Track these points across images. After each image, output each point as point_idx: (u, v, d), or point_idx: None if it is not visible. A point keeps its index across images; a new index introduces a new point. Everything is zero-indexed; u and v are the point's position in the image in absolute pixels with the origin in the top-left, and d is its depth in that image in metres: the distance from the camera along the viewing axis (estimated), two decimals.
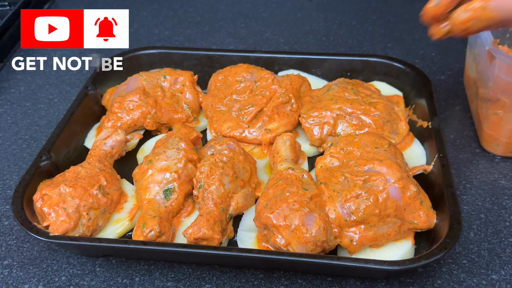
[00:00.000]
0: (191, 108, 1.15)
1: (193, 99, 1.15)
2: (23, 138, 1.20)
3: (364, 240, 0.86)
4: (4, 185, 1.08)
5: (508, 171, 1.06)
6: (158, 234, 0.87)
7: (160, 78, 1.17)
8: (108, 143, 1.02)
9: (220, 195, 0.91)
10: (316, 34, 1.54)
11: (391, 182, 0.87)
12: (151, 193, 0.93)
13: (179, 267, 0.91)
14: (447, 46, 1.44)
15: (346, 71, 1.24)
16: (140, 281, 0.89)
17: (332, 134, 1.05)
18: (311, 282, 0.88)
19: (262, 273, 0.90)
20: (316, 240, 0.82)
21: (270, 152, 1.04)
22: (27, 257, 0.93)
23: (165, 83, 1.16)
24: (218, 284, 0.88)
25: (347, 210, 0.86)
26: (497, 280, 0.87)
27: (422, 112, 1.10)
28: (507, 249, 0.92)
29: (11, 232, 0.98)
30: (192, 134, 1.02)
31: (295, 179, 0.90)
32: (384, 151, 0.93)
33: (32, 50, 1.50)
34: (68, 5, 1.73)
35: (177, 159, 0.95)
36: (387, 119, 1.05)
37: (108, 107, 1.16)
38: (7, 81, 1.38)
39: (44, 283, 0.89)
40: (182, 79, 1.17)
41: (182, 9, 1.69)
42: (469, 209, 0.99)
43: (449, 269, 0.89)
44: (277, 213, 0.83)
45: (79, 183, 0.91)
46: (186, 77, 1.17)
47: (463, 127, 1.17)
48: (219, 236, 0.87)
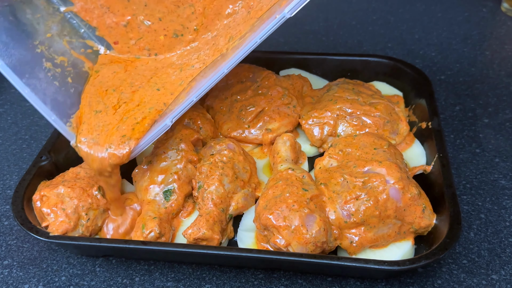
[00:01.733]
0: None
1: None
2: (23, 138, 1.20)
3: (364, 241, 0.86)
4: (4, 185, 1.08)
5: (508, 171, 1.06)
6: (158, 235, 0.87)
7: None
8: None
9: (219, 195, 0.91)
10: (316, 34, 1.54)
11: (391, 183, 0.86)
12: (151, 194, 0.93)
13: (179, 267, 0.91)
14: (447, 46, 1.44)
15: (346, 71, 1.24)
16: (140, 281, 0.89)
17: (332, 135, 1.05)
18: (311, 282, 0.88)
19: (262, 273, 0.90)
20: (316, 241, 0.82)
21: (270, 152, 1.04)
22: (27, 257, 0.93)
23: None
24: (218, 284, 0.88)
25: (347, 211, 0.86)
26: (497, 280, 0.87)
27: (422, 112, 1.10)
28: (507, 249, 0.92)
29: (11, 232, 0.98)
30: (192, 135, 1.02)
31: (295, 179, 0.90)
32: (383, 152, 0.93)
33: None
34: None
35: (177, 160, 0.95)
36: (388, 120, 1.05)
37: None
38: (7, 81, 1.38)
39: (44, 283, 0.89)
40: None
41: None
42: (469, 209, 0.99)
43: (449, 269, 0.89)
44: (277, 214, 0.83)
45: (78, 183, 0.91)
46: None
47: (463, 127, 1.17)
48: (218, 236, 0.88)
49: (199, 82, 0.89)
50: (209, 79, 0.86)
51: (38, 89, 0.86)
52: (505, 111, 1.21)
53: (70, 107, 0.91)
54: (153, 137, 0.87)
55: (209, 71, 0.90)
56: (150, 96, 0.92)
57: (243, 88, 1.14)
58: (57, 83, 0.91)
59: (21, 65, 0.87)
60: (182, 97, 0.89)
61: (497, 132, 1.15)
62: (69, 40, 0.98)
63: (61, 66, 0.94)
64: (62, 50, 0.96)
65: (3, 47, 0.85)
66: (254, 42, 0.83)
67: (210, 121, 1.10)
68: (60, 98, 0.90)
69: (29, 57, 0.90)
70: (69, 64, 0.96)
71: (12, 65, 0.85)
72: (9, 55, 0.86)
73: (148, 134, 0.87)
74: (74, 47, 0.99)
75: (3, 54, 0.85)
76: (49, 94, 0.88)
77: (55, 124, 0.87)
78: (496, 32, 1.50)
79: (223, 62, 0.87)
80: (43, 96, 0.86)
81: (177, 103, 0.89)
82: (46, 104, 0.86)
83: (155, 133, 0.87)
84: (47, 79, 0.90)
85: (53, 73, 0.92)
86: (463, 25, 1.54)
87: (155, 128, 0.87)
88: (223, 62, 0.87)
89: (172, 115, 0.87)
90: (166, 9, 0.99)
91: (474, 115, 1.21)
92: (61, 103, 0.90)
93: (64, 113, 0.90)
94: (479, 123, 1.18)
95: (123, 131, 0.87)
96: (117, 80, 0.95)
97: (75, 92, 0.94)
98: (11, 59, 0.86)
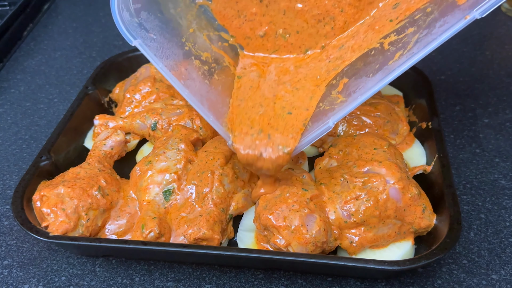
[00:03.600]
0: None
1: None
2: (23, 138, 1.20)
3: (364, 241, 0.86)
4: (4, 185, 1.08)
5: (508, 171, 1.06)
6: (157, 235, 0.87)
7: None
8: (108, 143, 1.02)
9: (220, 195, 0.91)
10: None
11: (391, 183, 0.86)
12: (151, 194, 0.93)
13: (179, 267, 0.91)
14: (447, 46, 1.44)
15: None
16: (140, 281, 0.89)
17: (332, 135, 1.05)
18: (311, 282, 0.88)
19: (262, 273, 0.89)
20: (316, 241, 0.82)
21: None
22: (27, 257, 0.93)
23: None
24: (218, 284, 0.88)
25: (347, 211, 0.86)
26: (497, 280, 0.87)
27: (422, 112, 1.10)
28: (507, 249, 0.92)
29: (11, 232, 0.98)
30: (192, 135, 1.02)
31: (295, 179, 0.90)
32: (383, 152, 0.93)
33: (32, 50, 1.51)
34: (68, 5, 1.74)
35: (176, 160, 0.95)
36: (388, 120, 1.05)
37: (120, 99, 1.18)
38: (7, 81, 1.39)
39: (44, 283, 0.89)
40: None
41: None
42: (469, 209, 0.99)
43: (449, 269, 0.89)
44: (277, 214, 0.83)
45: (78, 183, 0.91)
46: None
47: (463, 127, 1.17)
48: (219, 236, 0.87)
49: (357, 81, 0.83)
50: (383, 78, 0.79)
51: (194, 90, 0.82)
52: (505, 111, 1.21)
53: (221, 106, 0.87)
54: (313, 139, 0.83)
55: (366, 69, 0.84)
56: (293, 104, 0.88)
57: None
58: (207, 82, 0.87)
59: (177, 65, 0.83)
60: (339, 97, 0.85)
61: (497, 132, 1.15)
62: (208, 34, 0.94)
63: (207, 63, 0.90)
64: (205, 46, 0.92)
65: (159, 47, 0.81)
66: (445, 37, 0.75)
67: None
68: (212, 98, 0.86)
69: (181, 57, 0.86)
70: (212, 60, 0.92)
71: (170, 67, 0.80)
72: (165, 56, 0.82)
73: (306, 137, 0.83)
74: (212, 41, 0.94)
75: (161, 55, 0.81)
76: (204, 94, 0.84)
77: (213, 125, 0.83)
78: (496, 32, 1.50)
79: (395, 61, 0.81)
80: (200, 97, 0.82)
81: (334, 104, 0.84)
82: (203, 105, 0.81)
83: (315, 135, 0.83)
84: (199, 78, 0.86)
85: (203, 71, 0.88)
86: None
87: (315, 129, 0.83)
88: (393, 60, 0.81)
89: (335, 118, 0.82)
90: (306, 23, 0.94)
91: (474, 115, 1.21)
92: (213, 102, 0.86)
93: (218, 113, 0.85)
94: (479, 123, 1.18)
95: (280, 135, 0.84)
96: (257, 98, 0.91)
97: (222, 90, 0.90)
98: (168, 60, 0.81)
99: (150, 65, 1.19)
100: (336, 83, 0.88)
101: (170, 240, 0.89)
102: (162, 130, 1.07)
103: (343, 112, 0.81)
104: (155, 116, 1.08)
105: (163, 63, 0.80)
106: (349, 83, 0.86)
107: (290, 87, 0.92)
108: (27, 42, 1.54)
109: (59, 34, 1.58)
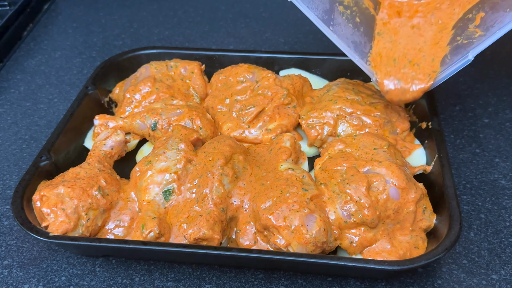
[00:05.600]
0: (199, 96, 1.18)
1: (201, 86, 1.19)
2: (23, 138, 1.20)
3: (364, 241, 0.86)
4: (4, 185, 1.08)
5: (508, 171, 1.06)
6: (157, 236, 0.87)
7: (170, 66, 1.20)
8: (108, 143, 1.02)
9: (220, 195, 0.91)
10: (316, 34, 1.54)
11: (391, 183, 0.86)
12: (151, 194, 0.93)
13: (179, 267, 0.91)
14: None
15: (346, 71, 1.24)
16: (140, 281, 0.89)
17: (332, 135, 1.05)
18: (311, 282, 0.88)
19: (262, 273, 0.90)
20: (316, 241, 0.82)
21: None
22: (27, 257, 0.93)
23: (172, 72, 1.19)
24: (218, 284, 0.88)
25: (347, 211, 0.86)
26: (497, 280, 0.87)
27: (422, 112, 1.10)
28: (507, 249, 0.92)
29: (11, 232, 0.98)
30: (192, 135, 1.02)
31: (295, 179, 0.90)
32: (383, 152, 0.93)
33: (32, 50, 1.51)
34: (68, 5, 1.74)
35: (176, 160, 0.95)
36: (388, 120, 1.05)
37: (120, 99, 1.18)
38: (7, 81, 1.39)
39: (44, 283, 0.89)
40: (191, 67, 1.20)
41: (182, 9, 1.69)
42: (469, 209, 0.99)
43: (449, 269, 0.89)
44: (277, 214, 0.83)
45: (78, 183, 0.91)
46: (195, 65, 1.21)
47: (463, 127, 1.17)
48: (219, 236, 0.87)
49: (494, 15, 0.90)
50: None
51: (341, 35, 0.91)
52: (505, 111, 1.21)
53: (364, 46, 0.96)
54: (453, 71, 0.91)
55: (503, 3, 0.90)
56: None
57: (243, 88, 1.14)
58: (351, 25, 0.96)
59: (326, 14, 0.92)
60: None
61: (497, 132, 1.15)
62: None
63: (349, 7, 0.97)
64: None
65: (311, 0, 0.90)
66: None
67: (210, 121, 1.10)
68: (356, 39, 0.95)
69: (328, 5, 0.94)
70: (353, 4, 0.98)
71: (321, 17, 0.90)
72: (316, 7, 0.90)
73: (447, 70, 0.91)
74: None
75: (312, 7, 0.89)
76: (349, 37, 0.93)
77: (359, 64, 0.92)
78: None
79: None
80: (346, 40, 0.91)
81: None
82: (349, 47, 0.91)
83: (455, 68, 0.91)
84: (344, 22, 0.94)
85: (346, 16, 0.96)
86: None
87: (454, 62, 0.91)
88: None
89: (474, 52, 0.90)
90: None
91: (474, 115, 1.21)
92: (358, 44, 0.95)
93: (362, 53, 0.94)
94: (479, 123, 1.18)
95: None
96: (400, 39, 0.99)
97: (365, 31, 0.98)
98: (319, 11, 0.90)
99: (150, 65, 1.19)
100: (473, 17, 0.94)
101: (170, 240, 0.89)
102: (162, 130, 1.08)
103: (482, 46, 0.89)
104: (155, 116, 1.08)
105: (314, 13, 0.88)
106: (486, 17, 0.91)
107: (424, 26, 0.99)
108: (27, 42, 1.54)
109: (59, 34, 1.58)
